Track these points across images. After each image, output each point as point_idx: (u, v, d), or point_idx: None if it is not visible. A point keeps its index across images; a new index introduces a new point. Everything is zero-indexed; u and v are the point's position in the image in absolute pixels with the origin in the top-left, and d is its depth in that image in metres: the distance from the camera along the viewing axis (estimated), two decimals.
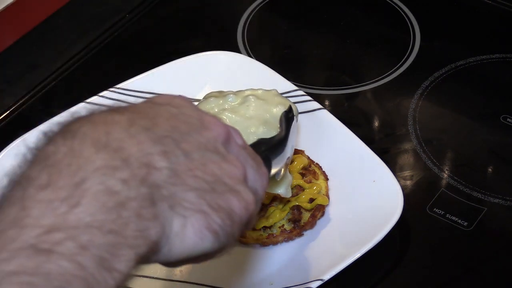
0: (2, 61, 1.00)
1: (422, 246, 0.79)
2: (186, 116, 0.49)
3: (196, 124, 0.49)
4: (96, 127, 0.45)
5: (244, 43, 1.01)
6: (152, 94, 0.89)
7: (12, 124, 0.93)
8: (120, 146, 0.44)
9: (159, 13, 1.07)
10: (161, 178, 0.44)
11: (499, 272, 0.78)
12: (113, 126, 0.45)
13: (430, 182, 0.85)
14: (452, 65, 0.97)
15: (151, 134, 0.46)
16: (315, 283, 0.72)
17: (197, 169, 0.46)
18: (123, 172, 0.43)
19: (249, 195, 0.49)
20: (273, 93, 0.79)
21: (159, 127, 0.47)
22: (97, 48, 1.02)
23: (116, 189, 0.42)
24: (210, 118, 0.50)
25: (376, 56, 1.01)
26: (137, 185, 0.43)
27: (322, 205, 0.79)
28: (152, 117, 0.47)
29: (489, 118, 0.92)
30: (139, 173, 0.44)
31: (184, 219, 0.45)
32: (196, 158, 0.47)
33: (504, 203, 0.82)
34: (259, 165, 0.52)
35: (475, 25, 1.03)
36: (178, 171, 0.45)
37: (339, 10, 1.07)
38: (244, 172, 0.49)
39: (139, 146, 0.45)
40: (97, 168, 0.43)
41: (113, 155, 0.44)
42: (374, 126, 0.92)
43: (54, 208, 0.41)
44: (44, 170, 0.43)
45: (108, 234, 0.41)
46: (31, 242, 0.39)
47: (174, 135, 0.47)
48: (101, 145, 0.44)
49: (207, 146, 0.48)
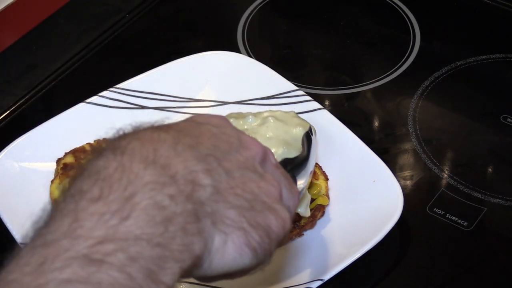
0: (2, 61, 1.00)
1: (422, 246, 0.79)
2: (226, 135, 0.51)
3: (236, 143, 0.51)
4: (144, 144, 0.47)
5: (244, 43, 1.01)
6: (152, 94, 0.90)
7: (12, 124, 0.93)
8: (167, 163, 0.46)
9: (159, 13, 1.07)
10: (205, 195, 0.47)
11: (499, 272, 0.78)
12: (160, 143, 0.47)
13: (430, 182, 0.85)
14: (452, 65, 0.97)
15: (195, 152, 0.48)
16: (315, 283, 0.72)
17: (237, 187, 0.49)
18: (171, 188, 0.45)
19: (285, 213, 0.51)
20: (291, 114, 0.80)
21: (202, 145, 0.49)
22: (97, 48, 1.02)
23: (164, 204, 0.44)
24: (248, 138, 0.53)
25: (376, 56, 1.01)
26: (183, 201, 0.45)
27: (322, 205, 0.79)
28: (195, 136, 0.49)
29: (489, 118, 0.92)
30: (185, 190, 0.46)
31: (225, 236, 0.47)
32: (236, 177, 0.49)
33: (504, 203, 0.82)
34: (292, 184, 0.55)
35: (475, 25, 1.03)
36: (220, 189, 0.48)
37: (339, 10, 1.07)
38: (280, 190, 0.52)
39: (185, 163, 0.47)
40: (146, 183, 0.45)
41: (160, 171, 0.46)
42: (374, 126, 0.92)
43: (106, 221, 0.43)
44: (96, 184, 0.45)
45: (156, 247, 0.43)
46: (83, 252, 0.41)
47: (216, 153, 0.49)
48: (149, 162, 0.46)
49: (246, 165, 0.50)
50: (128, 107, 0.89)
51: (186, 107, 0.90)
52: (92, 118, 0.87)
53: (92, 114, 0.88)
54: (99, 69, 1.00)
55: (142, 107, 0.89)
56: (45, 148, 0.84)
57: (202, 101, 0.90)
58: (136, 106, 0.89)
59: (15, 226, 0.76)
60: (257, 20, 1.06)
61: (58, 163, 0.83)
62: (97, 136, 0.85)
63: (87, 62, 1.00)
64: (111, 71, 0.99)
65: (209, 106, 0.90)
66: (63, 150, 0.84)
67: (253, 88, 0.90)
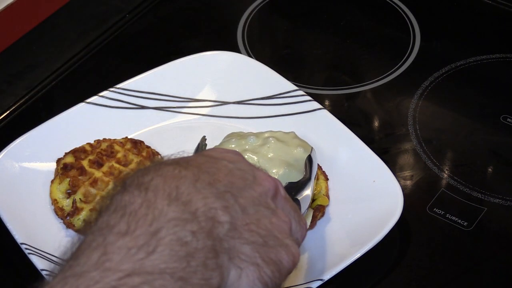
0: (2, 61, 1.00)
1: (422, 246, 0.79)
2: (241, 171, 0.54)
3: (250, 179, 0.54)
4: (166, 181, 0.50)
5: (244, 43, 1.01)
6: (152, 94, 0.90)
7: (12, 124, 0.93)
8: (188, 200, 0.49)
9: (159, 13, 1.07)
10: (223, 231, 0.50)
11: (499, 272, 0.78)
12: (181, 180, 0.50)
13: (430, 182, 0.85)
14: (452, 65, 0.97)
15: (214, 189, 0.51)
16: (315, 283, 0.72)
17: (252, 223, 0.52)
18: (192, 225, 0.48)
19: (296, 249, 0.54)
20: (291, 135, 0.81)
21: (220, 182, 0.52)
22: (97, 48, 1.02)
23: (186, 240, 0.48)
24: (261, 173, 0.56)
25: (376, 56, 1.01)
26: (204, 237, 0.48)
27: (322, 205, 0.79)
28: (213, 173, 0.53)
29: (489, 118, 0.92)
30: (205, 226, 0.49)
31: (240, 270, 0.50)
32: (251, 213, 0.52)
33: (504, 203, 0.82)
34: (300, 217, 0.58)
35: (475, 25, 1.03)
36: (236, 225, 0.51)
37: (339, 10, 1.07)
38: (290, 225, 0.55)
39: (205, 200, 0.50)
40: (170, 219, 0.48)
41: (183, 208, 0.49)
42: (374, 126, 0.92)
43: (133, 254, 0.46)
44: (122, 218, 0.48)
45: (178, 280, 0.46)
46: (112, 284, 0.44)
47: (233, 190, 0.52)
48: (172, 198, 0.49)
49: (260, 201, 0.53)
50: (128, 107, 0.89)
51: (186, 107, 0.90)
52: (92, 118, 0.87)
53: (92, 114, 0.88)
54: (99, 69, 1.00)
55: (142, 107, 0.89)
56: (45, 148, 0.84)
57: (202, 101, 0.90)
58: (136, 106, 0.89)
59: (15, 226, 0.76)
60: (257, 20, 1.06)
61: (58, 163, 0.83)
62: (97, 136, 0.85)
63: (87, 62, 1.00)
64: (111, 71, 0.99)
65: (209, 106, 0.90)
66: (63, 150, 0.84)
67: (253, 88, 0.90)
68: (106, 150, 0.84)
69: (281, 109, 0.88)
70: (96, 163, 0.82)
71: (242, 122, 0.88)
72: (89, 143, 0.84)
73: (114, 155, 0.83)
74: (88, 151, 0.84)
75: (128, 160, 0.83)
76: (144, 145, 0.85)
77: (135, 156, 0.84)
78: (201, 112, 0.90)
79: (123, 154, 0.83)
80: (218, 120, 0.89)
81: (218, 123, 0.89)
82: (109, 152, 0.83)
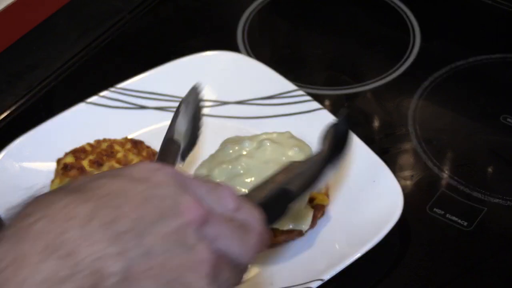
0: (2, 61, 1.00)
1: (422, 246, 0.79)
2: (160, 199, 0.45)
3: (168, 209, 0.45)
4: (53, 223, 0.42)
5: (244, 43, 1.01)
6: (152, 94, 0.90)
7: (12, 124, 0.93)
8: (72, 249, 0.41)
9: (159, 13, 1.07)
10: (109, 285, 0.42)
11: (499, 272, 0.78)
12: (70, 222, 0.42)
13: (430, 182, 0.85)
14: (452, 65, 0.97)
15: (109, 231, 0.42)
16: (315, 283, 0.72)
17: (156, 267, 0.43)
18: (69, 285, 0.40)
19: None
20: (287, 135, 0.81)
21: (123, 219, 0.43)
22: (97, 48, 1.02)
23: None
24: (187, 199, 0.45)
25: (376, 56, 1.01)
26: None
27: (322, 205, 0.79)
28: (117, 206, 0.44)
29: (489, 118, 0.92)
30: (85, 283, 0.41)
31: None
32: (157, 254, 0.43)
33: (504, 203, 0.82)
34: (249, 244, 0.47)
35: (475, 25, 1.03)
36: (132, 273, 0.42)
37: (339, 10, 1.07)
38: (212, 264, 0.45)
39: (93, 248, 0.42)
40: (43, 280, 0.40)
41: (62, 262, 0.41)
42: (374, 126, 0.92)
43: None
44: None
45: None
46: None
47: (139, 227, 0.43)
48: (51, 250, 0.41)
49: (175, 237, 0.44)
50: (128, 107, 0.89)
51: None
52: (92, 118, 0.87)
53: (92, 114, 0.88)
54: (99, 69, 1.00)
55: (142, 107, 0.89)
56: (45, 148, 0.84)
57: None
58: (136, 106, 0.89)
59: None
60: (257, 20, 1.06)
61: (58, 163, 0.83)
62: (97, 136, 0.85)
63: (87, 62, 1.00)
64: (111, 71, 0.99)
65: (209, 106, 0.90)
66: (63, 150, 0.84)
67: (253, 88, 0.90)
68: (106, 150, 0.84)
69: (281, 109, 0.88)
70: (96, 163, 0.82)
71: (242, 122, 0.88)
72: (89, 143, 0.84)
73: (114, 155, 0.83)
74: (88, 151, 0.84)
75: (128, 160, 0.83)
76: (144, 145, 0.85)
77: (135, 156, 0.84)
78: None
79: (123, 154, 0.83)
80: (218, 120, 0.89)
81: (218, 123, 0.89)
82: (109, 152, 0.84)
